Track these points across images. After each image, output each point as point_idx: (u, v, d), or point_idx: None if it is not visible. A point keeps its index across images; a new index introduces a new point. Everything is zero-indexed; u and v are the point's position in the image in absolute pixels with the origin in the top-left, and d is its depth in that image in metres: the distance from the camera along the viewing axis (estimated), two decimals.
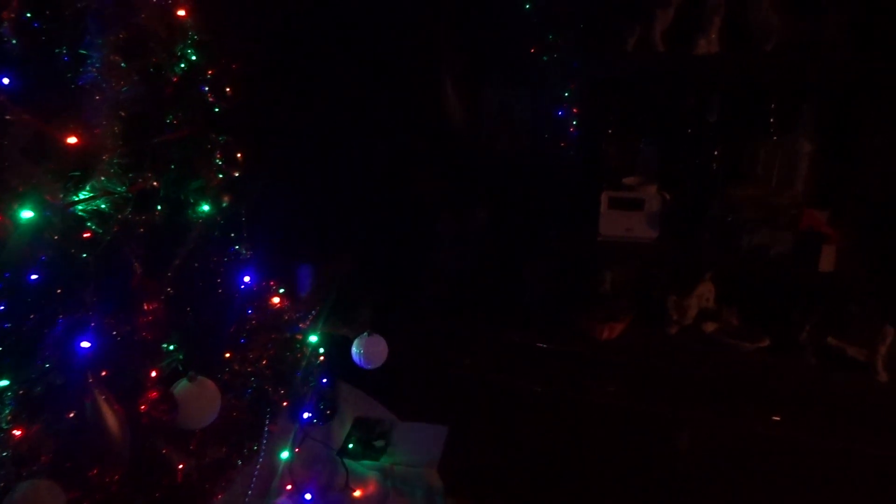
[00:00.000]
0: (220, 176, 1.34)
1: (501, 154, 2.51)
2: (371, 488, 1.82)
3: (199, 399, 1.26)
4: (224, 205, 1.39)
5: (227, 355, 1.36)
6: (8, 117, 1.09)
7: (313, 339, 1.56)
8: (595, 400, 2.27)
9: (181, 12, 1.32)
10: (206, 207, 1.35)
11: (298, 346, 1.50)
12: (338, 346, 1.61)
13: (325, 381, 1.60)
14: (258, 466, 1.53)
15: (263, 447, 1.50)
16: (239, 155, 1.36)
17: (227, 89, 1.32)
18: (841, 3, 1.96)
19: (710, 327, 2.33)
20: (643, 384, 2.25)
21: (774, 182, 2.13)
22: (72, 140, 1.12)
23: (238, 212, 1.40)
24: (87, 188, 1.17)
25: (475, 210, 2.54)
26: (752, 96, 2.17)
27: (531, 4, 2.34)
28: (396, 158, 2.53)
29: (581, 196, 2.23)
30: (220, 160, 1.33)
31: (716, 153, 2.10)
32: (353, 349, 1.56)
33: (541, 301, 2.42)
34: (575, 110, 2.34)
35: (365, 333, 1.57)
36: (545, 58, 2.34)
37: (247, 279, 1.44)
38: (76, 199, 1.15)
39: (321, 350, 1.57)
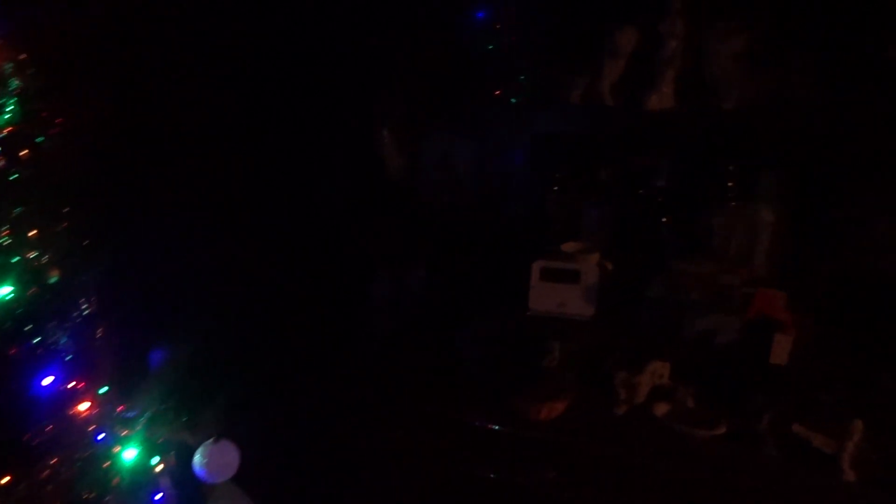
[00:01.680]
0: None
1: (442, 208, 2.29)
2: None
3: None
4: (52, 280, 1.16)
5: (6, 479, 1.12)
6: None
7: (132, 453, 1.30)
8: (532, 488, 2.04)
9: None
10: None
11: (111, 461, 1.25)
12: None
13: (159, 498, 1.34)
14: None
15: None
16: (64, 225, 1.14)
17: (22, 153, 1.09)
18: (808, 59, 1.75)
19: (662, 409, 2.10)
20: (586, 471, 2.02)
21: (732, 256, 1.91)
22: None
23: (59, 291, 1.17)
24: None
25: (412, 269, 2.32)
26: (709, 158, 1.96)
27: (493, 44, 2.14)
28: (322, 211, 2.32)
29: (517, 262, 2.00)
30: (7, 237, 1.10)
31: (664, 221, 1.88)
32: (196, 458, 1.32)
33: (476, 374, 2.19)
34: (519, 165, 2.13)
35: (210, 440, 1.33)
36: (489, 107, 2.14)
37: (48, 380, 1.19)
38: None
39: (155, 461, 1.33)
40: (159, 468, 1.30)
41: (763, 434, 1.97)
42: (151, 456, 1.30)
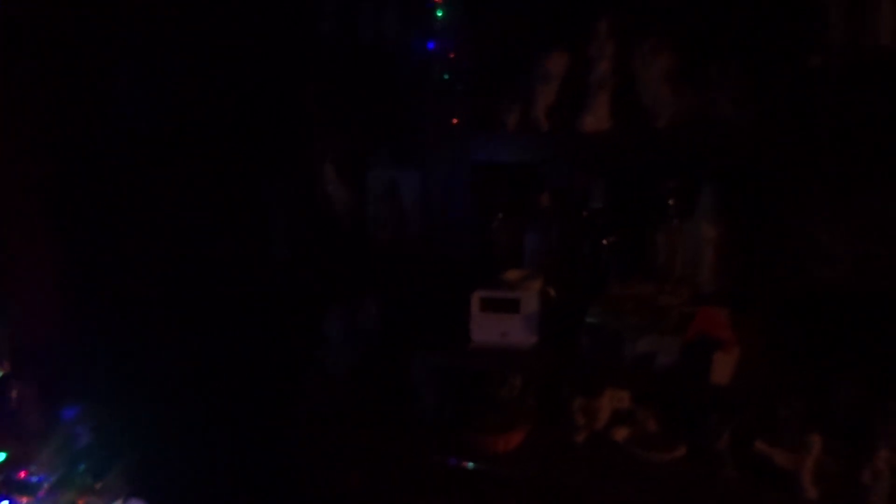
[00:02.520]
0: None
1: (389, 242, 2.27)
2: None
3: None
4: None
5: None
6: None
7: None
8: None
9: None
10: None
11: None
12: None
13: None
14: None
15: None
16: None
17: None
18: (731, 76, 1.75)
19: (621, 434, 2.06)
20: (546, 501, 1.97)
21: (677, 274, 1.89)
22: None
23: None
24: None
25: (363, 305, 2.29)
26: (648, 177, 1.95)
27: (431, 74, 2.12)
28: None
29: (465, 292, 1.97)
30: None
31: (605, 243, 1.86)
32: None
33: (431, 409, 2.15)
34: (462, 195, 2.11)
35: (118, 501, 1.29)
36: (429, 137, 2.12)
37: None
38: None
39: None
40: None
41: (722, 454, 1.94)
42: None
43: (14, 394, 1.14)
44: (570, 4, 1.99)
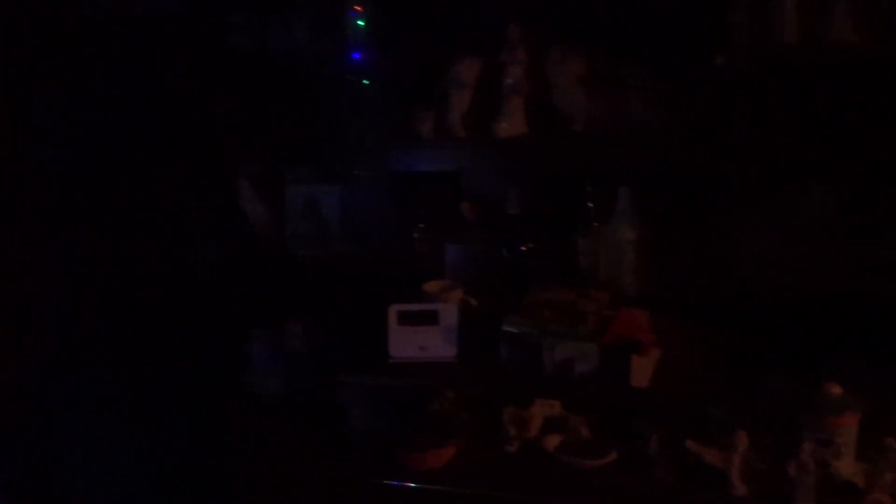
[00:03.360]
0: None
1: (312, 259, 2.20)
2: None
3: None
4: None
5: None
6: None
7: None
8: None
9: None
10: None
11: None
12: None
13: None
14: None
15: None
16: None
17: None
18: (641, 78, 1.75)
19: (553, 441, 2.03)
20: None
21: (601, 278, 1.88)
22: None
23: None
24: None
25: (288, 326, 2.21)
26: (567, 182, 1.94)
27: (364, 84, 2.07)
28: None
29: (386, 308, 1.92)
30: None
31: (524, 249, 1.83)
32: None
33: (361, 430, 2.09)
34: (383, 207, 2.06)
35: None
36: (347, 149, 2.08)
37: None
38: None
39: None
40: None
41: (653, 456, 1.93)
42: None
43: None
44: (482, 10, 1.97)
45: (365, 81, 2.02)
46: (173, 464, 2.23)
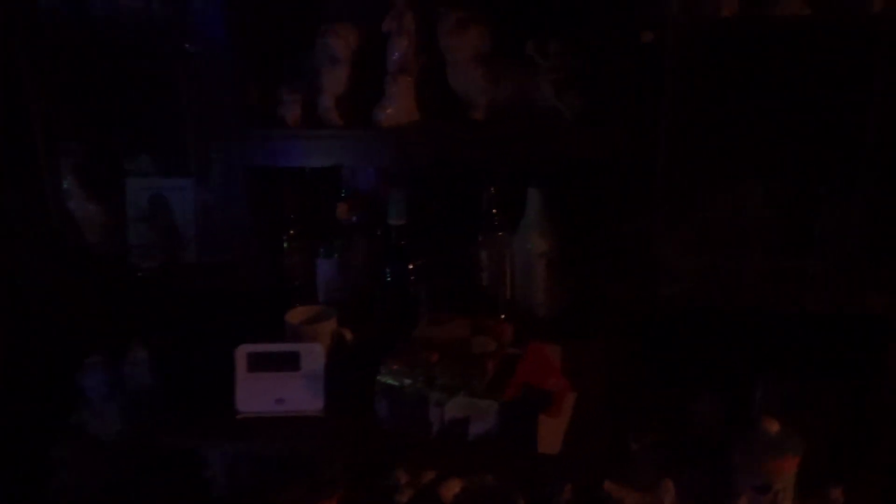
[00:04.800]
0: None
1: (158, 271, 1.79)
2: None
3: None
4: None
5: None
6: None
7: None
8: None
9: None
10: None
11: None
12: None
13: None
14: None
15: None
16: None
17: None
18: (551, 56, 1.43)
19: (452, 489, 1.72)
20: None
21: (503, 297, 1.56)
22: None
23: None
24: None
25: (129, 351, 1.81)
26: (466, 182, 1.61)
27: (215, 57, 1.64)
28: None
29: (255, 332, 1.54)
30: None
31: (411, 267, 1.49)
32: None
33: (221, 479, 1.72)
34: (243, 209, 1.67)
35: None
36: (195, 140, 1.67)
37: None
38: None
39: None
40: None
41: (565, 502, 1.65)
42: None
43: None
44: None
45: (214, 59, 1.62)
46: None
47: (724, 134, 1.43)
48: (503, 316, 1.62)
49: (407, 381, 1.26)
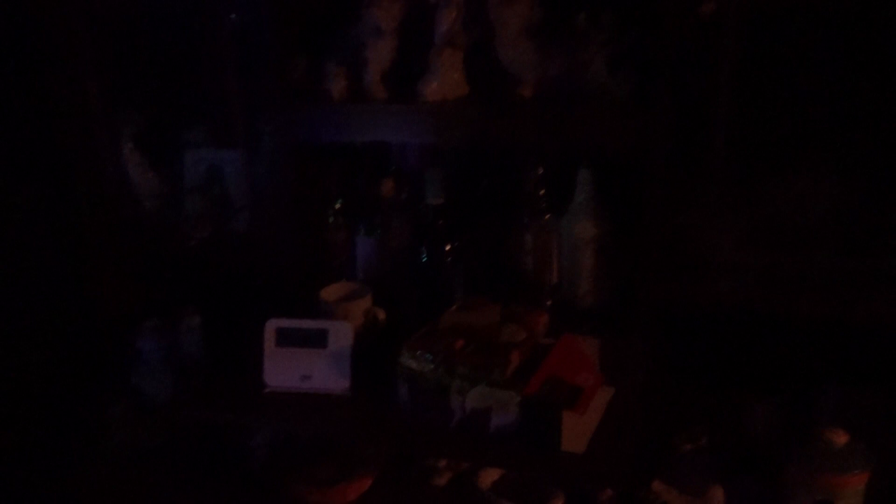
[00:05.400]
0: None
1: (211, 240, 1.82)
2: None
3: None
4: None
5: None
6: None
7: None
8: None
9: None
10: None
11: None
12: None
13: None
14: None
15: None
16: None
17: None
18: (604, 30, 1.33)
19: (490, 477, 1.68)
20: None
21: (545, 284, 1.49)
22: None
23: None
24: None
25: (183, 317, 1.84)
26: (512, 162, 1.53)
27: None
28: None
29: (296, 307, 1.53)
30: None
31: (448, 249, 1.43)
32: None
33: (259, 451, 1.73)
34: (289, 185, 1.66)
35: None
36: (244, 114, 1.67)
37: None
38: None
39: None
40: None
41: (607, 501, 1.57)
42: None
43: None
44: None
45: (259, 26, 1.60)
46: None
47: (790, 117, 1.29)
48: (549, 303, 1.55)
49: (428, 367, 1.21)
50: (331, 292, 1.48)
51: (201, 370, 1.86)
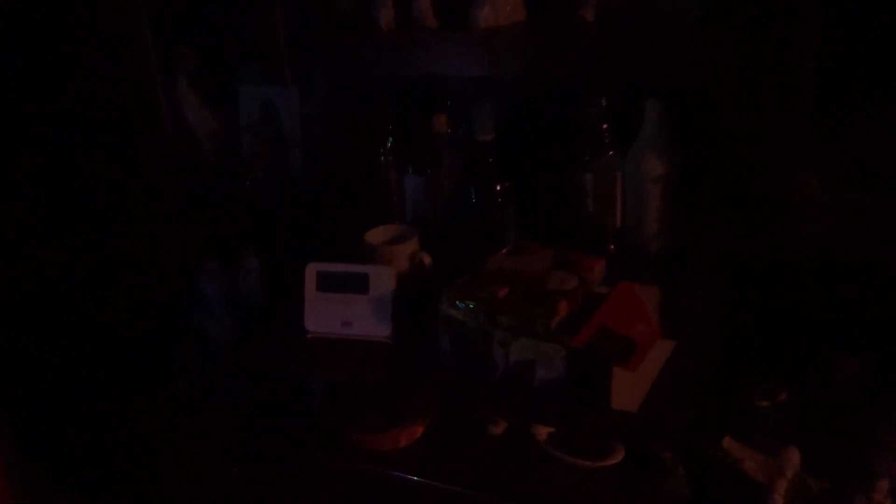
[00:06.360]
0: None
1: (265, 182, 1.78)
2: None
3: None
4: None
5: None
6: None
7: None
8: None
9: None
10: None
11: None
12: None
13: None
14: None
15: None
16: None
17: None
18: None
19: (546, 429, 1.60)
20: None
21: (607, 229, 1.37)
22: None
23: None
24: None
25: (242, 259, 1.83)
26: (570, 92, 1.40)
27: None
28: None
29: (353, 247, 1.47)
30: None
31: (499, 188, 1.33)
32: None
33: (318, 395, 1.71)
34: (343, 121, 1.59)
35: None
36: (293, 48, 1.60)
37: None
38: None
39: None
40: None
41: (669, 462, 1.47)
42: None
43: None
44: None
45: None
46: (114, 416, 1.95)
47: (890, 40, 1.11)
48: (611, 248, 1.44)
49: (469, 316, 1.13)
50: (376, 235, 1.41)
51: (258, 313, 1.86)
